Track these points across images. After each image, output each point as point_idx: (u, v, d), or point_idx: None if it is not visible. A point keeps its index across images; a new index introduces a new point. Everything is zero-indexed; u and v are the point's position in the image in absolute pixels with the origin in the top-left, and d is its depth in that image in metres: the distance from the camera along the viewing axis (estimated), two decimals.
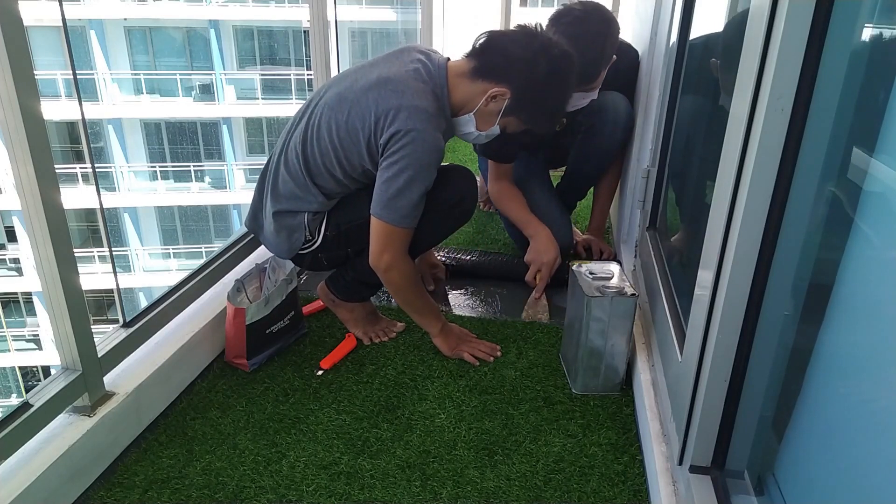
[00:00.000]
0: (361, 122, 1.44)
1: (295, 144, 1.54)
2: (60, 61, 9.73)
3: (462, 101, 1.51)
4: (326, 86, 1.58)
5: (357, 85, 1.48)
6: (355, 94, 1.46)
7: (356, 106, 1.45)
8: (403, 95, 1.42)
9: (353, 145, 1.47)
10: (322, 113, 1.50)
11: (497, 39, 1.49)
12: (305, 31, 2.19)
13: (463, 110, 1.52)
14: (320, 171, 1.53)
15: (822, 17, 0.77)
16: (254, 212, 1.67)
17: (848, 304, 0.81)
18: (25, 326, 11.84)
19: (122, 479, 1.23)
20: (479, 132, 1.55)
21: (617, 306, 1.44)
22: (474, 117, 1.52)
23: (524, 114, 1.52)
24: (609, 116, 2.02)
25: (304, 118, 1.55)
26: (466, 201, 1.64)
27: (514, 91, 1.47)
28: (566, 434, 1.39)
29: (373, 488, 1.23)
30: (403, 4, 4.56)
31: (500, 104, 1.49)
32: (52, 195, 1.06)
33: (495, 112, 1.50)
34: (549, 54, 1.45)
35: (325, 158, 1.51)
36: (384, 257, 1.50)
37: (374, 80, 1.46)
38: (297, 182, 1.54)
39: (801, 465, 0.91)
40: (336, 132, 1.48)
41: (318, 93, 1.59)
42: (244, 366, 1.56)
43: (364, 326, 1.72)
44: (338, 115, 1.47)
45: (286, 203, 1.56)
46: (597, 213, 2.29)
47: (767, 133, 0.83)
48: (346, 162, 1.50)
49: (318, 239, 1.60)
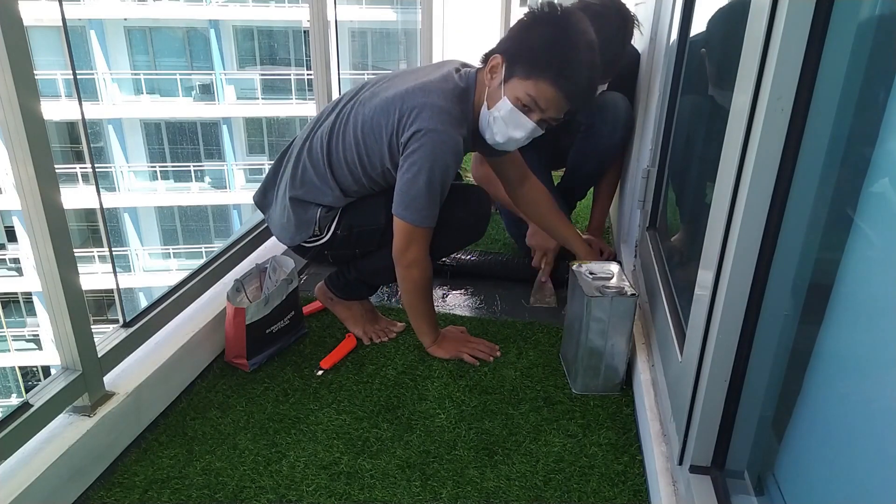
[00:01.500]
0: (386, 119, 1.45)
1: (322, 133, 1.55)
2: (60, 61, 9.73)
3: (479, 97, 1.50)
4: (368, 83, 1.59)
5: (392, 88, 1.49)
6: (387, 94, 1.48)
7: (383, 104, 1.47)
8: (429, 95, 1.43)
9: (375, 143, 1.48)
10: (353, 108, 1.52)
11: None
12: (305, 31, 2.20)
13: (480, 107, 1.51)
14: (341, 166, 1.53)
15: (823, 16, 0.77)
16: (264, 189, 1.68)
17: (848, 304, 0.81)
18: (25, 326, 11.84)
19: (122, 480, 1.23)
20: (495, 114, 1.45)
21: (617, 306, 1.44)
22: (486, 102, 1.48)
23: (518, 67, 1.41)
24: (609, 116, 2.02)
25: (336, 111, 1.56)
26: (481, 224, 1.68)
27: (504, 52, 1.43)
28: (566, 434, 1.39)
29: (373, 488, 1.23)
30: (403, 4, 4.57)
31: (499, 73, 1.44)
32: (52, 195, 1.06)
33: (497, 84, 1.44)
34: (532, 13, 1.44)
35: (348, 153, 1.51)
36: (408, 253, 1.51)
37: (408, 85, 1.47)
38: (317, 171, 1.55)
39: (801, 465, 0.90)
40: (361, 127, 1.49)
41: (356, 89, 1.60)
42: (244, 366, 1.56)
43: (363, 324, 1.72)
44: (366, 111, 1.49)
45: (302, 190, 1.56)
46: (597, 213, 2.29)
47: (767, 133, 0.83)
48: (366, 160, 1.51)
49: (327, 236, 1.60)
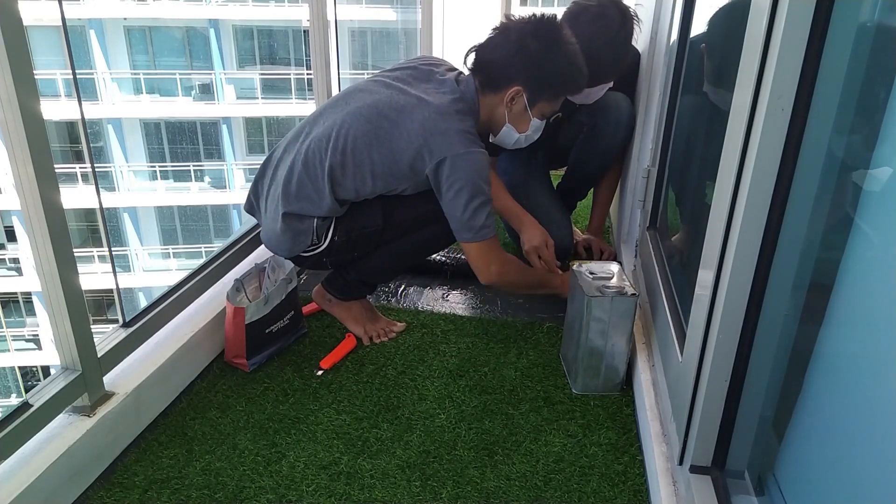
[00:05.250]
0: (407, 144, 1.46)
1: (318, 149, 1.49)
2: (60, 61, 9.71)
3: (488, 115, 1.58)
4: (352, 93, 1.57)
5: (396, 102, 1.49)
6: (396, 111, 1.48)
7: (399, 125, 1.47)
8: (447, 120, 1.47)
9: (393, 164, 1.48)
10: (355, 124, 1.48)
11: (482, 54, 1.55)
12: (305, 30, 2.19)
13: (496, 123, 1.60)
14: (345, 181, 1.50)
15: (823, 16, 0.77)
16: (249, 202, 1.66)
17: (848, 304, 0.81)
18: (25, 326, 11.83)
19: (122, 479, 1.23)
20: (526, 133, 1.62)
21: (617, 306, 1.44)
22: (511, 125, 1.59)
23: (547, 92, 1.57)
24: (612, 117, 2.02)
25: (327, 122, 1.52)
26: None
27: (524, 83, 1.52)
28: (566, 434, 1.39)
29: (373, 488, 1.23)
30: (403, 4, 4.57)
31: (522, 101, 1.54)
32: (51, 195, 1.06)
33: (523, 109, 1.57)
34: (531, 33, 1.50)
35: (358, 172, 1.49)
36: (492, 270, 1.59)
37: (414, 102, 1.49)
38: (315, 186, 1.50)
39: (801, 465, 0.91)
40: (378, 148, 1.48)
41: (342, 98, 1.57)
42: (244, 366, 1.56)
43: (364, 323, 1.72)
44: (378, 129, 1.48)
45: (298, 205, 1.52)
46: (597, 213, 2.29)
47: (768, 132, 0.83)
48: (380, 179, 1.50)
49: (325, 243, 1.58)
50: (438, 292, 1.99)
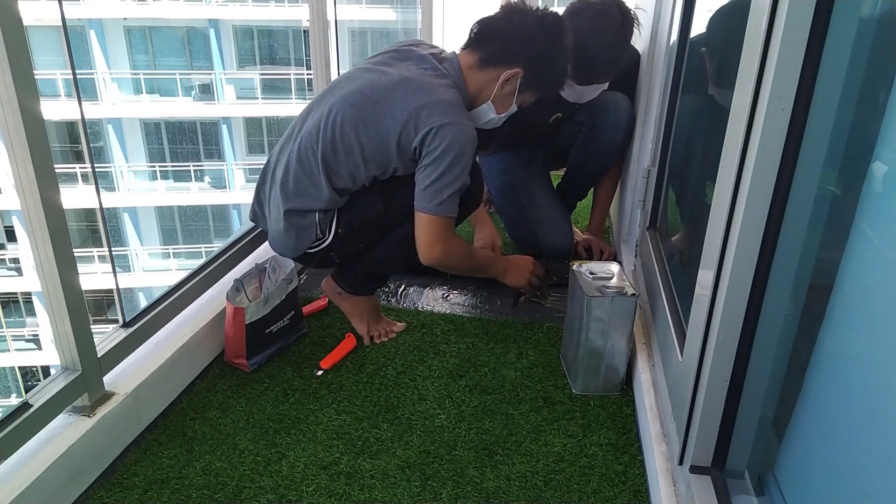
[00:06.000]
0: (392, 121, 1.45)
1: (310, 143, 1.51)
2: (60, 61, 9.71)
3: (476, 91, 1.56)
4: (336, 84, 1.57)
5: (379, 83, 1.48)
6: (379, 92, 1.47)
7: (382, 104, 1.46)
8: (431, 92, 1.45)
9: (381, 144, 1.47)
10: (341, 111, 1.48)
11: (491, 26, 1.54)
12: (305, 30, 2.19)
13: (478, 100, 1.57)
14: (339, 168, 1.50)
15: (823, 15, 0.77)
16: (253, 211, 1.67)
17: (848, 304, 0.81)
18: (25, 326, 11.84)
19: (122, 480, 1.23)
20: (499, 115, 1.61)
21: (617, 306, 1.44)
22: (492, 104, 1.57)
23: (537, 84, 1.57)
24: (611, 117, 2.02)
25: (315, 115, 1.53)
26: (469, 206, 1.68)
27: (525, 68, 1.52)
28: (566, 434, 1.39)
29: (373, 488, 1.23)
30: (403, 4, 4.57)
31: (515, 84, 1.55)
32: (51, 195, 1.06)
33: (511, 93, 1.56)
34: (543, 24, 1.51)
35: (349, 157, 1.49)
36: (435, 250, 1.52)
37: (396, 80, 1.48)
38: (312, 180, 1.51)
39: (801, 465, 0.91)
40: (364, 130, 1.47)
41: (328, 91, 1.57)
42: (244, 366, 1.56)
43: (368, 321, 1.71)
44: (363, 113, 1.47)
45: (298, 201, 1.52)
46: (597, 213, 2.29)
47: (768, 133, 0.83)
48: (371, 161, 1.50)
49: (329, 237, 1.58)
50: (438, 292, 1.99)
